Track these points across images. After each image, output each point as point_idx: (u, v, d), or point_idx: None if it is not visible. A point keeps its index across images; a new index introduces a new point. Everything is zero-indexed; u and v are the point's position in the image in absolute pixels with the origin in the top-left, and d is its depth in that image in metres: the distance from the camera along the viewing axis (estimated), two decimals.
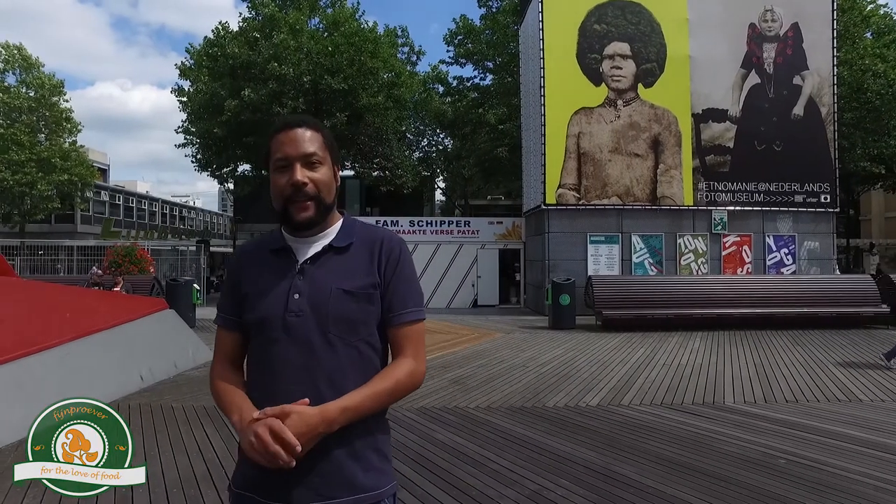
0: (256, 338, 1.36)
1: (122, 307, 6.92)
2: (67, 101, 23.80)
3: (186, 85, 21.84)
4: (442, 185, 35.60)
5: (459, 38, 24.62)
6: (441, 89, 27.50)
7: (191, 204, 51.42)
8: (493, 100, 25.20)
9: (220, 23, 20.16)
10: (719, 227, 15.23)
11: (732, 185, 15.24)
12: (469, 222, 19.08)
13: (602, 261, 14.98)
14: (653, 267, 15.09)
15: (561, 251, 14.99)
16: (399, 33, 25.21)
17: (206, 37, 20.71)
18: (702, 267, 15.18)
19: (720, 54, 15.21)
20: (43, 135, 23.38)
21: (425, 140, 31.25)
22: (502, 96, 24.10)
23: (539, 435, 4.84)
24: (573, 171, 15.00)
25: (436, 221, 19.05)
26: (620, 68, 15.09)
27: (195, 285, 12.61)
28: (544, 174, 14.95)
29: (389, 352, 1.41)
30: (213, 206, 64.16)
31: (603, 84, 15.12)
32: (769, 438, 4.67)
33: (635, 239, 15.09)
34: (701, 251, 15.24)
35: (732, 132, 15.27)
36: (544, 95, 14.95)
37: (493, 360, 8.55)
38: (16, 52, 22.92)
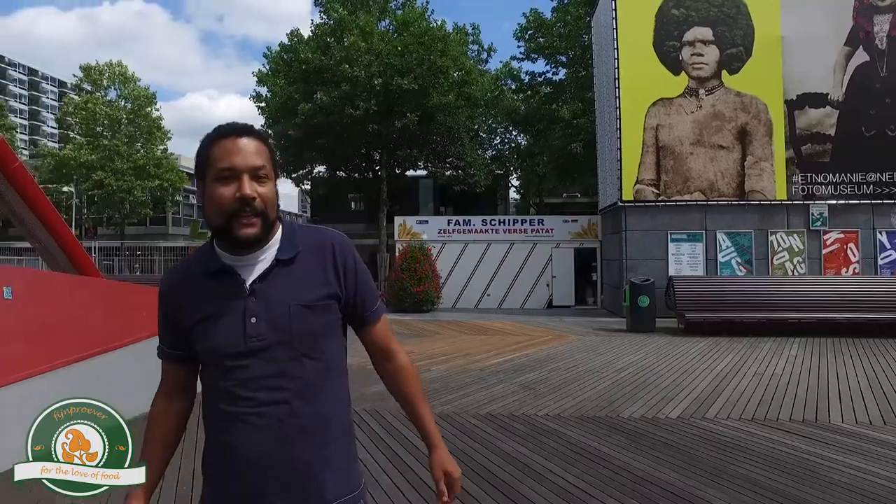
0: (213, 367, 1.30)
1: None
2: (158, 110, 25.56)
3: (264, 91, 22.69)
4: (516, 183, 35.12)
5: (530, 32, 24.11)
6: (513, 86, 27.05)
7: None
8: (566, 94, 24.50)
9: (292, 30, 20.75)
10: (818, 223, 13.91)
11: (834, 176, 13.87)
12: (543, 221, 18.57)
13: (684, 260, 14.07)
14: (741, 267, 14.01)
15: (639, 250, 14.23)
16: (469, 31, 25.03)
17: (280, 43, 21.43)
18: (798, 267, 13.93)
19: (819, 32, 13.86)
20: (139, 143, 25.19)
21: (498, 138, 30.94)
22: (576, 90, 23.37)
23: (612, 449, 4.45)
24: (651, 166, 14.19)
25: (509, 220, 18.67)
26: (702, 55, 14.10)
27: None
28: (620, 170, 14.25)
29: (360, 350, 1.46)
30: (294, 207, 66.81)
31: (683, 73, 14.19)
32: (890, 469, 4.03)
33: (721, 237, 14.07)
34: (797, 249, 13.99)
35: (834, 118, 13.89)
36: (619, 87, 14.23)
37: (567, 365, 8.14)
38: (116, 68, 24.84)
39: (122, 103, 24.30)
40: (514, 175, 34.08)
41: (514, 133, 30.02)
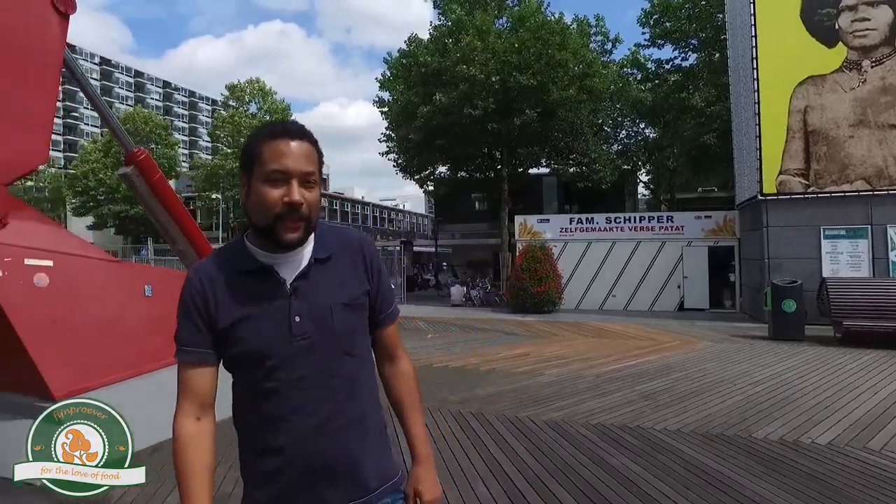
0: (252, 368, 1.26)
1: None
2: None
3: (386, 96, 23.49)
4: (644, 178, 33.21)
5: (655, 17, 22.61)
6: (638, 76, 25.56)
7: (399, 207, 55.70)
8: (697, 81, 22.69)
9: (411, 35, 21.22)
10: None
11: None
12: (672, 217, 17.30)
13: (843, 259, 12.32)
14: None
15: (784, 248, 12.68)
16: (592, 23, 24.04)
17: (399, 48, 22.01)
18: None
19: None
20: None
21: (623, 131, 29.45)
22: (709, 76, 21.55)
23: (738, 474, 3.90)
24: (799, 154, 12.58)
25: (634, 218, 17.62)
26: (868, 19, 12.19)
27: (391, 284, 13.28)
28: (760, 160, 12.79)
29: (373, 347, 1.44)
30: (421, 209, 68.80)
31: (840, 43, 12.40)
32: None
33: (892, 232, 12.12)
34: None
35: None
36: (757, 67, 12.76)
37: (695, 374, 7.41)
38: (255, 85, 27.31)
39: (262, 115, 26.72)
40: (643, 170, 32.24)
41: (642, 125, 28.40)
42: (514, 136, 20.81)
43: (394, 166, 24.79)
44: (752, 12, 12.84)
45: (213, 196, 25.80)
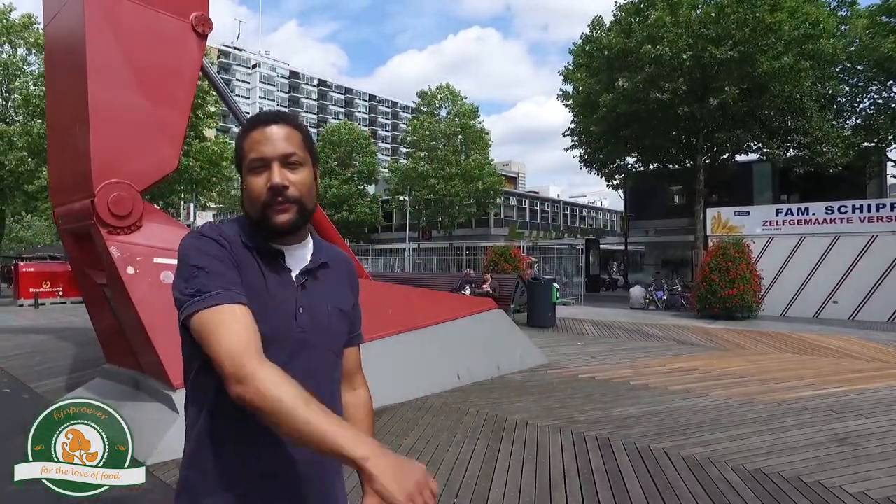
0: None
1: (447, 306, 7.16)
2: (481, 122, 28.30)
3: (569, 88, 22.53)
4: (894, 156, 26.98)
5: None
6: (893, 23, 20.59)
7: (596, 204, 53.62)
8: None
9: (595, 17, 19.92)
10: None
11: None
12: None
13: None
14: None
15: None
16: None
17: (583, 33, 20.84)
18: None
19: None
20: (464, 153, 28.37)
21: (867, 100, 24.17)
22: None
23: None
24: None
25: (867, 206, 14.27)
26: None
27: (555, 284, 12.59)
28: None
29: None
30: (618, 205, 65.45)
31: None
32: None
33: None
34: None
35: None
36: None
37: None
38: (446, 90, 28.47)
39: (451, 118, 27.85)
40: (894, 146, 26.17)
41: (894, 89, 22.97)
42: (712, 118, 18.39)
43: (578, 161, 23.76)
44: None
45: (402, 198, 27.53)
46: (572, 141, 23.51)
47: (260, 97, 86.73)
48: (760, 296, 14.02)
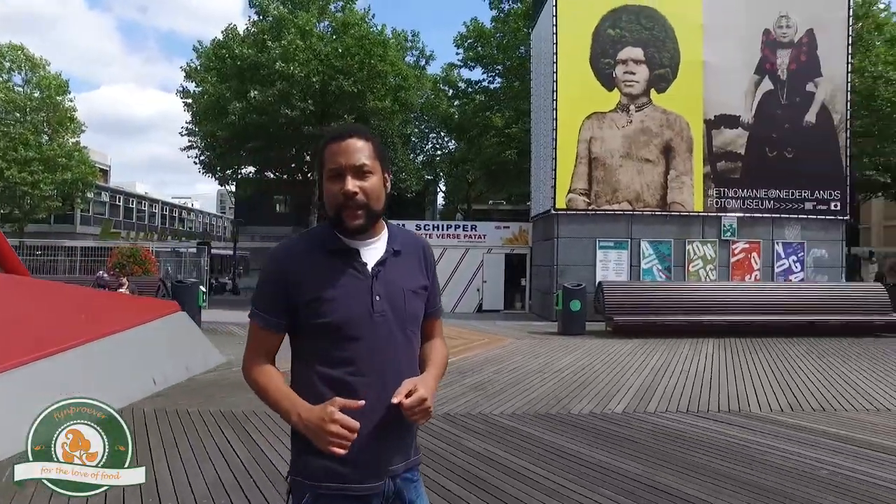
0: (330, 338, 1.42)
1: (135, 309, 6.78)
2: (72, 100, 23.78)
3: (192, 87, 21.74)
4: (444, 188, 35.51)
5: (469, 41, 24.55)
6: (450, 92, 27.39)
7: (189, 206, 51.17)
8: (500, 103, 25.14)
9: (228, 25, 20.04)
10: (729, 234, 15.14)
11: (743, 191, 15.16)
12: (475, 227, 18.95)
13: (611, 266, 14.87)
14: (661, 273, 14.99)
15: (570, 256, 14.89)
16: (409, 37, 25.15)
17: (214, 38, 20.59)
18: (710, 274, 15.09)
19: (734, 60, 15.13)
20: (46, 135, 23.33)
21: (430, 143, 31.20)
22: (509, 100, 24.04)
23: (572, 443, 4.72)
24: (584, 176, 14.91)
25: (442, 225, 18.93)
26: (634, 73, 15.01)
27: (201, 287, 12.44)
28: (555, 178, 14.86)
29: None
30: (212, 208, 63.93)
31: (616, 89, 15.04)
32: (806, 448, 4.56)
33: (644, 245, 15.00)
34: (709, 258, 15.15)
35: (744, 139, 15.19)
36: (556, 100, 14.86)
37: (509, 366, 8.43)
38: (19, 52, 22.86)
39: (29, 91, 22.48)
40: (443, 180, 34.49)
41: (447, 139, 30.41)
42: None
43: (195, 164, 22.98)
44: (555, 52, 14.86)
45: None
46: (190, 141, 22.66)
47: None
48: None
